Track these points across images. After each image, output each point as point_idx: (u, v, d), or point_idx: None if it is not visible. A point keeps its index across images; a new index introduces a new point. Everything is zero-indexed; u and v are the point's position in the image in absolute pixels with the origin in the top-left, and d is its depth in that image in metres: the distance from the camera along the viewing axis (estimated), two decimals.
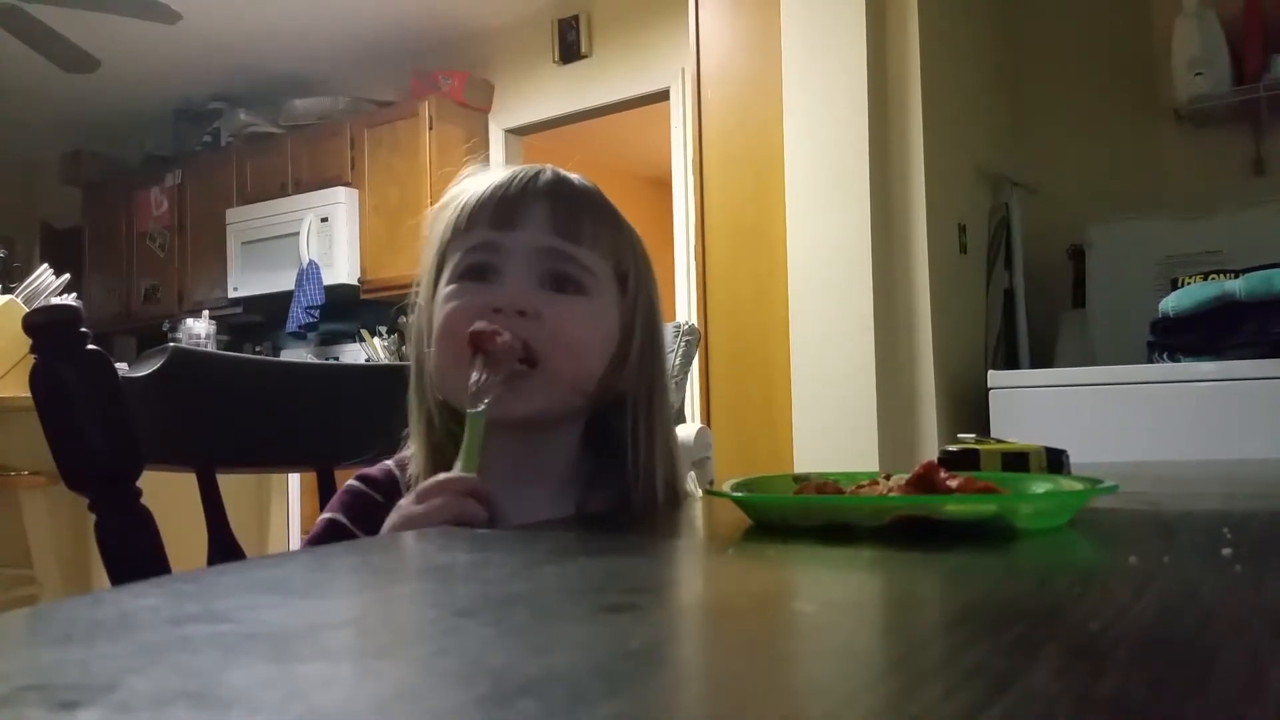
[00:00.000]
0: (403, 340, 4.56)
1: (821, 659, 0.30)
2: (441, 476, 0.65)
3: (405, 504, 0.65)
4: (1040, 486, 0.61)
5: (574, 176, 0.76)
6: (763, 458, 2.38)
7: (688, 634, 0.32)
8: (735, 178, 2.54)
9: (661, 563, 0.48)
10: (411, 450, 0.74)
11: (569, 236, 0.71)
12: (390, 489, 0.74)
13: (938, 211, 2.30)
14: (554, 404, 0.70)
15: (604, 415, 0.74)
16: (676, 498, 0.75)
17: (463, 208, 0.73)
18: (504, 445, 0.70)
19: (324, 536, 0.72)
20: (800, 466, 2.20)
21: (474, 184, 0.75)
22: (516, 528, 0.64)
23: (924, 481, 0.55)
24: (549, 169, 0.75)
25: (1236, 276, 2.12)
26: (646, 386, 0.74)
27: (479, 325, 0.67)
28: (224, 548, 0.86)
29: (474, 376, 0.66)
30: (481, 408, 0.66)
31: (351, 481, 0.75)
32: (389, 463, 0.76)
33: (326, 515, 0.74)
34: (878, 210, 2.26)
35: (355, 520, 0.72)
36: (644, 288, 0.75)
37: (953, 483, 0.55)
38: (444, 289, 0.71)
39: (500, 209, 0.71)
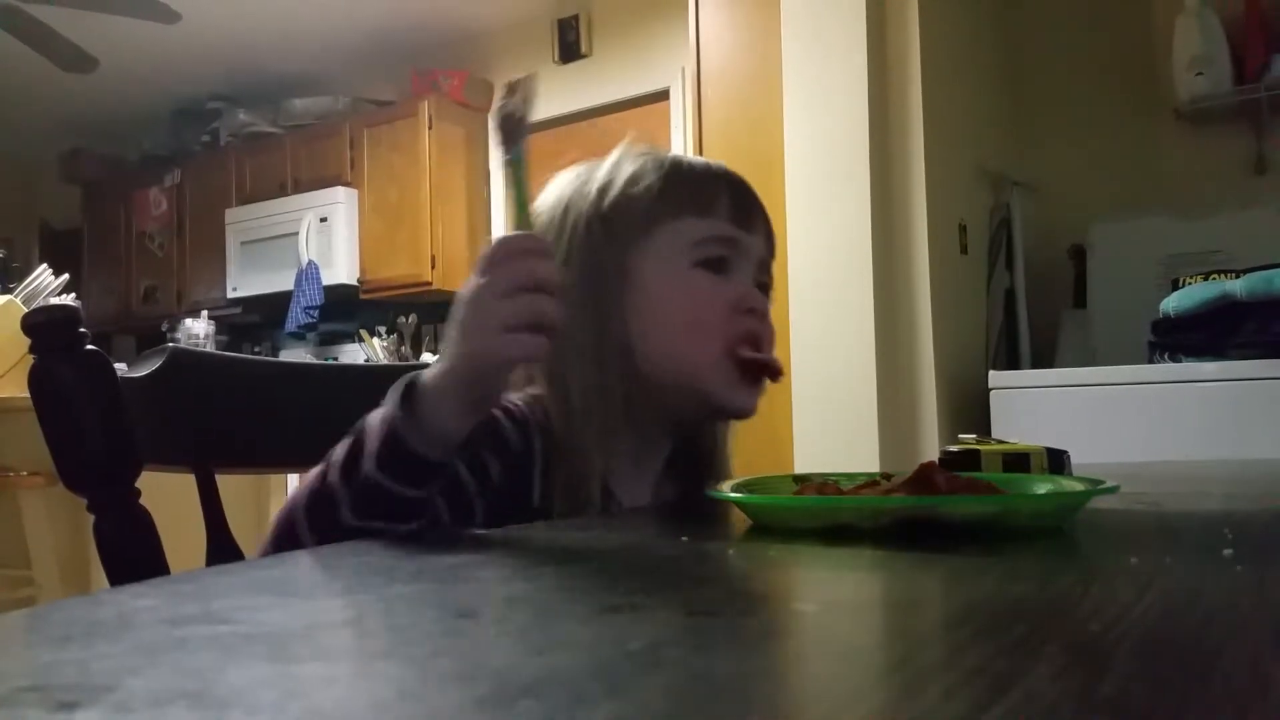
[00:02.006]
0: (402, 340, 4.56)
1: (822, 660, 0.30)
2: (510, 244, 0.55)
3: (466, 299, 0.55)
4: (1041, 487, 0.61)
5: None
6: (763, 458, 2.38)
7: (688, 635, 0.32)
8: None
9: (661, 563, 0.48)
10: (548, 401, 0.68)
11: (771, 251, 0.75)
12: (524, 427, 0.68)
13: (938, 211, 2.30)
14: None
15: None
16: None
17: (681, 181, 0.71)
18: (653, 438, 0.72)
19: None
20: (800, 467, 2.20)
21: (673, 159, 0.73)
22: (545, 522, 0.63)
23: (924, 482, 0.55)
24: (724, 164, 0.77)
25: (1237, 276, 2.12)
26: None
27: (766, 358, 0.69)
28: (222, 548, 0.86)
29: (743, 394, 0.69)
30: (517, 155, 0.60)
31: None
32: (518, 399, 0.69)
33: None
34: (878, 210, 2.26)
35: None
36: None
37: (953, 483, 0.55)
38: (673, 270, 0.69)
39: (738, 206, 0.72)
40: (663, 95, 4.04)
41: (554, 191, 0.75)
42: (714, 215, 0.71)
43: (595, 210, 0.71)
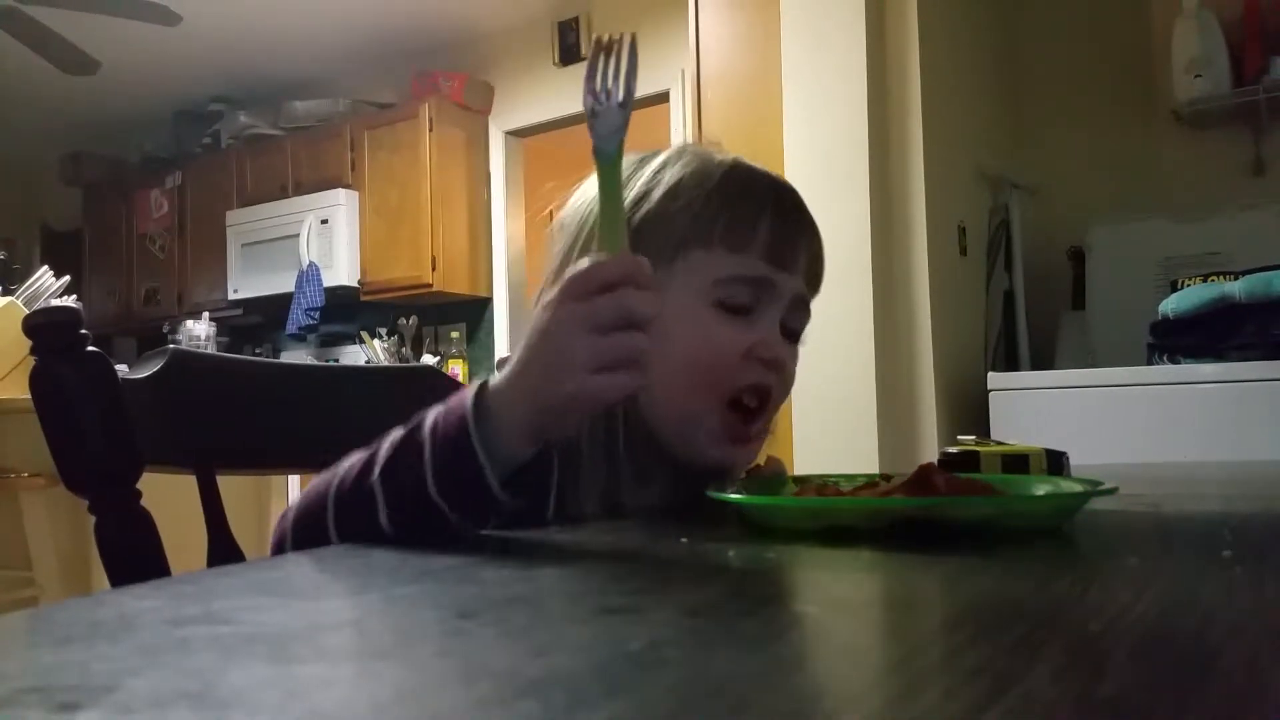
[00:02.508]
0: (402, 342, 4.56)
1: (822, 660, 0.30)
2: (606, 273, 0.50)
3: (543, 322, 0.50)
4: (1040, 488, 0.61)
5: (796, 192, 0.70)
6: (762, 459, 2.38)
7: (688, 635, 0.32)
8: None
9: (661, 564, 0.48)
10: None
11: (814, 286, 0.69)
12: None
13: (937, 213, 2.30)
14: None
15: None
16: None
17: (725, 200, 0.64)
18: (658, 472, 0.66)
19: None
20: (800, 468, 2.20)
21: (728, 170, 0.65)
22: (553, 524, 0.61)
23: (924, 483, 0.55)
24: (782, 180, 0.69)
25: (1236, 278, 2.12)
26: None
27: (751, 380, 0.63)
28: (224, 549, 0.86)
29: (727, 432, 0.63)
30: (614, 150, 0.52)
31: None
32: None
33: None
34: (877, 211, 2.26)
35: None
36: None
37: (953, 485, 0.55)
38: (690, 303, 0.64)
39: (781, 238, 0.65)
40: (663, 97, 4.04)
41: (590, 191, 0.69)
42: (748, 251, 0.64)
43: (647, 228, 0.65)
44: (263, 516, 2.18)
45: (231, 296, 4.92)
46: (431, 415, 0.55)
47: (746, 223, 0.64)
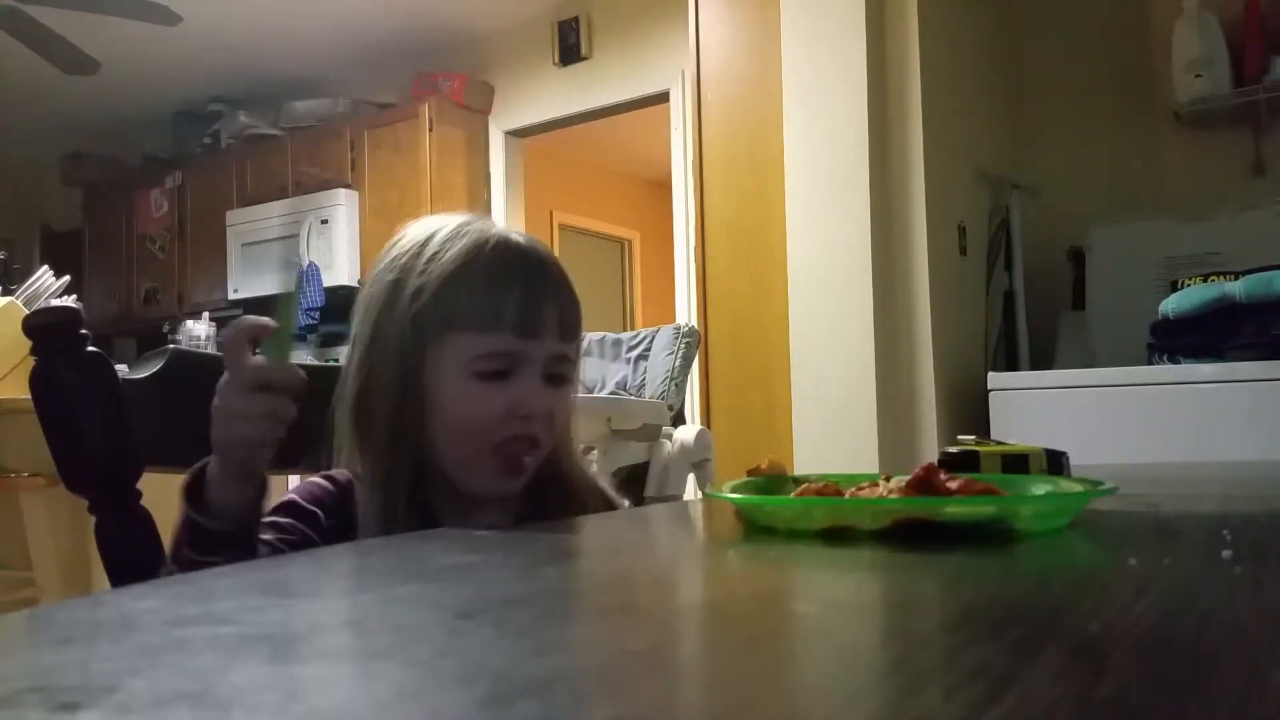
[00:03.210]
0: None
1: (822, 660, 0.30)
2: (259, 373, 0.68)
3: (219, 406, 0.68)
4: (1040, 488, 0.61)
5: (550, 253, 0.81)
6: (763, 459, 2.38)
7: (688, 636, 0.32)
8: (735, 179, 2.54)
9: (661, 565, 0.48)
10: (357, 484, 0.78)
11: (570, 338, 0.78)
12: (343, 497, 0.78)
13: (937, 213, 2.30)
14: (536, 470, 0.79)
15: None
16: (606, 497, 0.84)
17: (471, 288, 0.75)
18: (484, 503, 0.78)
19: (280, 508, 0.77)
20: (800, 468, 2.20)
21: (470, 253, 0.76)
22: (512, 529, 0.64)
23: (924, 483, 0.55)
24: (534, 248, 0.79)
25: (1236, 278, 2.12)
26: (570, 420, 0.82)
27: (510, 433, 0.74)
28: None
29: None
30: (293, 290, 0.73)
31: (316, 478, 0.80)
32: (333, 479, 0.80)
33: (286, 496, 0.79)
34: (878, 212, 2.26)
35: (309, 503, 0.77)
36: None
37: (953, 485, 0.55)
38: (452, 378, 0.75)
39: (525, 317, 0.75)
40: (663, 97, 4.05)
41: (382, 281, 0.79)
42: (497, 330, 0.74)
43: (405, 314, 0.77)
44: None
45: (231, 296, 4.92)
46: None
47: (494, 305, 0.75)
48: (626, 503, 0.89)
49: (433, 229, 0.80)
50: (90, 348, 0.77)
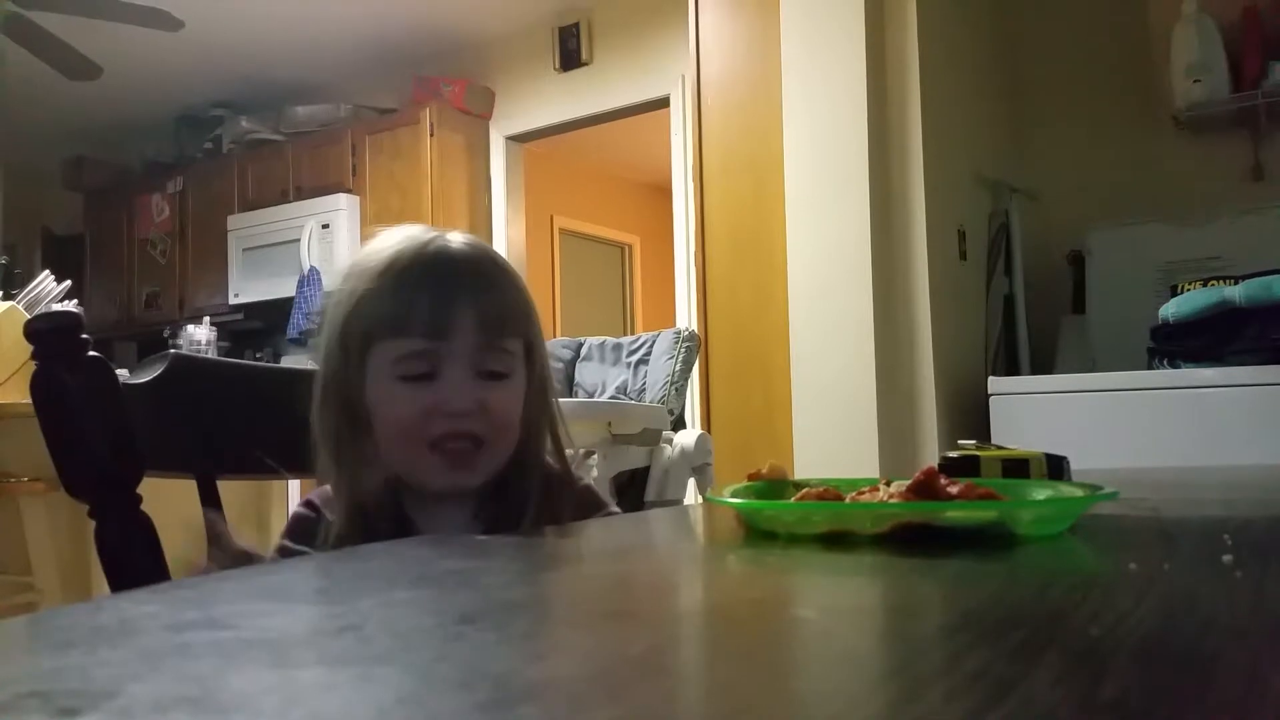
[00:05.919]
0: None
1: (822, 665, 0.30)
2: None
3: None
4: (1041, 493, 0.61)
5: (485, 252, 0.83)
6: (763, 464, 2.38)
7: (688, 640, 0.32)
8: (735, 184, 2.54)
9: (661, 569, 0.48)
10: (332, 497, 0.81)
11: (495, 334, 0.79)
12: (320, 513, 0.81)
13: (937, 218, 2.30)
14: (494, 471, 0.80)
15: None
16: (591, 494, 0.86)
17: (382, 297, 0.78)
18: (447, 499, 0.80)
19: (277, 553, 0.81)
20: (801, 472, 2.20)
21: (387, 264, 0.79)
22: (504, 535, 0.64)
23: (924, 488, 0.55)
24: (460, 244, 0.81)
25: (1236, 283, 2.12)
26: (539, 415, 0.83)
27: (440, 431, 0.76)
28: None
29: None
30: None
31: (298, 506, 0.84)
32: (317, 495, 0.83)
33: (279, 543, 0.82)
34: (877, 216, 2.26)
35: (299, 540, 0.81)
36: (541, 346, 0.84)
37: (953, 489, 0.55)
38: (381, 384, 0.78)
39: (433, 320, 0.77)
40: (663, 102, 4.05)
41: (329, 298, 0.84)
42: (408, 334, 0.77)
43: (338, 329, 0.81)
44: (263, 521, 2.18)
45: (232, 301, 4.93)
46: None
47: (402, 309, 0.77)
48: (614, 505, 0.89)
49: (374, 245, 0.83)
50: (91, 352, 0.77)
